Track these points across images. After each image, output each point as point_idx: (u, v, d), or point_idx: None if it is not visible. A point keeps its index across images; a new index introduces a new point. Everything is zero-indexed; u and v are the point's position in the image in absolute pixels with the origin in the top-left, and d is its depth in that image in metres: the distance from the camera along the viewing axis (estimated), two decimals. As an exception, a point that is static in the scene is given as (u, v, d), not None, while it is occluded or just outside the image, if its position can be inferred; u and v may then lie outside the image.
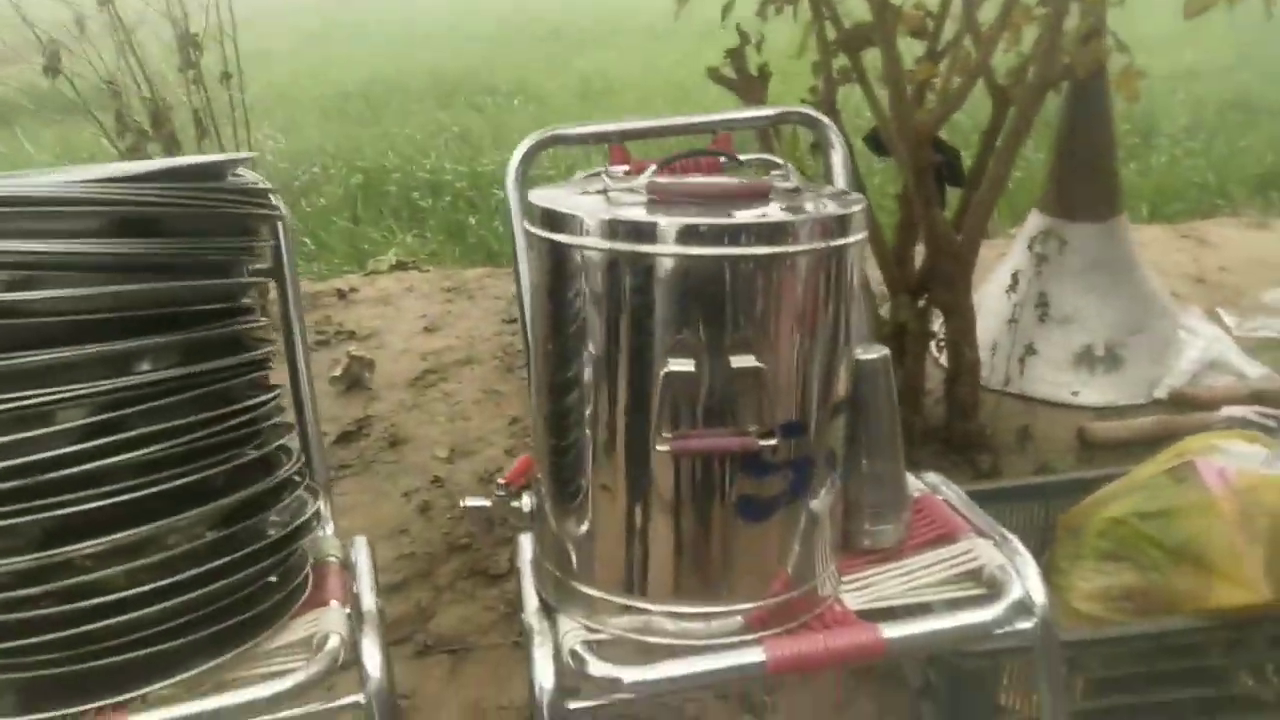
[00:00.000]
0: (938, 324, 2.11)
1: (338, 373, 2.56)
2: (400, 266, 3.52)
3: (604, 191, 0.98)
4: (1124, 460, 1.94)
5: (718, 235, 0.86)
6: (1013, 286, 2.11)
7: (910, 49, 2.06)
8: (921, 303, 2.09)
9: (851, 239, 0.93)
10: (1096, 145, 2.32)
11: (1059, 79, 1.80)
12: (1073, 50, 1.81)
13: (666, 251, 0.86)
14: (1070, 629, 1.34)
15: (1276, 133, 4.87)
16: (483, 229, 4.58)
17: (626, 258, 0.87)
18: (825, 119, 1.39)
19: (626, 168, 1.38)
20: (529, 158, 1.36)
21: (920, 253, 2.08)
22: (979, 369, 2.02)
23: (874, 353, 1.08)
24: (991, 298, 2.36)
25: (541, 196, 0.96)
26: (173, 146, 2.65)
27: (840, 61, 2.03)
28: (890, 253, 2.11)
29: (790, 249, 0.88)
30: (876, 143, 2.08)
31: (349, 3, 14.22)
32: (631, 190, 0.98)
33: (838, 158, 1.37)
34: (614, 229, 0.87)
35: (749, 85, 1.93)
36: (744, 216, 0.89)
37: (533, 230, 0.95)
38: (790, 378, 0.91)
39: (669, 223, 0.86)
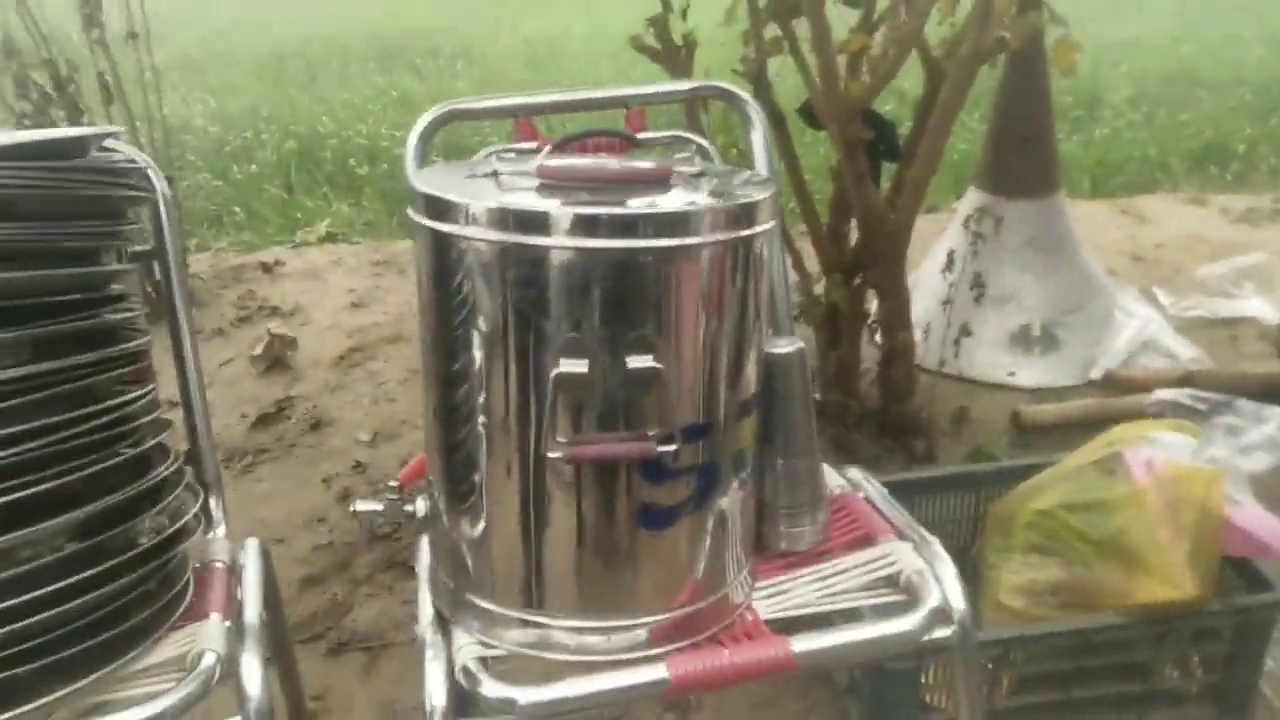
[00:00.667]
0: (874, 305, 2.06)
1: (258, 351, 2.46)
2: (329, 238, 3.40)
3: (494, 174, 0.91)
4: (1059, 443, 1.93)
5: (606, 226, 0.79)
6: (948, 266, 2.07)
7: (846, 18, 1.99)
8: (857, 282, 2.04)
9: (757, 229, 0.86)
10: (1034, 121, 2.28)
11: (992, 53, 1.75)
12: (1008, 22, 1.76)
13: (553, 243, 0.79)
14: (996, 626, 1.31)
15: (1216, 107, 4.90)
16: (421, 198, 4.46)
17: (510, 249, 0.80)
18: (742, 94, 1.32)
19: (534, 144, 1.32)
20: (428, 135, 1.28)
21: (855, 230, 2.03)
22: (913, 351, 1.98)
23: (788, 346, 1.02)
24: (929, 276, 2.32)
25: (427, 179, 0.89)
26: (76, 113, 2.50)
27: (773, 30, 1.96)
28: (824, 230, 2.06)
29: (689, 241, 0.82)
30: (810, 115, 2.02)
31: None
32: (524, 174, 0.91)
33: (757, 135, 1.31)
34: (492, 217, 0.80)
35: (673, 56, 1.85)
36: (638, 205, 0.83)
37: (414, 216, 0.87)
38: (693, 378, 0.85)
39: (556, 211, 0.79)
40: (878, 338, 2.07)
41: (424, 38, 8.24)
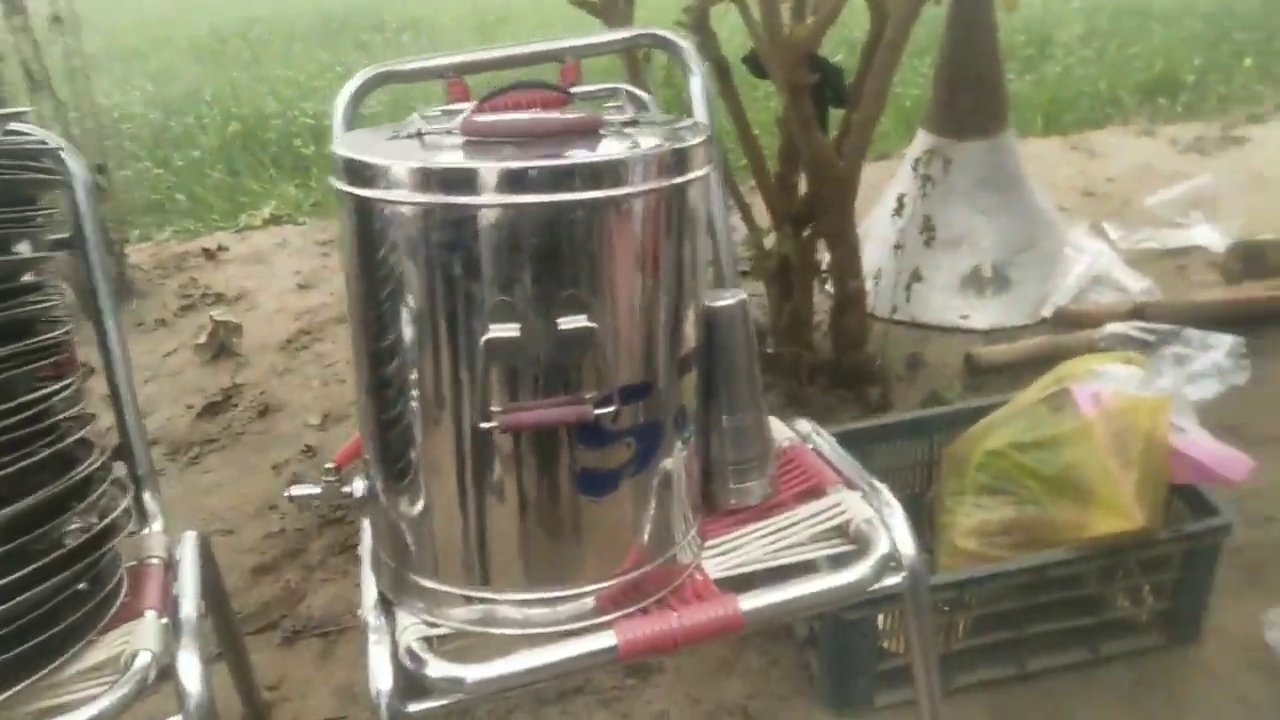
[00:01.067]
0: (826, 257, 2.05)
1: (202, 340, 2.40)
2: (275, 220, 3.32)
3: (419, 134, 0.88)
4: (1012, 382, 1.93)
5: (530, 180, 0.76)
6: (898, 210, 2.05)
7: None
8: (807, 232, 2.02)
9: (690, 176, 0.84)
10: (981, 58, 2.26)
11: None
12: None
13: (476, 202, 0.76)
14: (950, 569, 1.31)
15: (1168, 39, 4.90)
16: (370, 174, 4.40)
17: (433, 211, 0.77)
18: (680, 41, 1.29)
19: (467, 105, 1.28)
20: (357, 98, 1.24)
21: (804, 180, 2.00)
22: (865, 298, 1.97)
23: (730, 298, 0.99)
24: (879, 223, 2.31)
25: (348, 143, 0.85)
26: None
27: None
28: (773, 180, 2.03)
29: (618, 192, 0.79)
30: (756, 64, 1.98)
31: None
32: (449, 132, 0.88)
33: (696, 82, 1.27)
34: (414, 178, 0.77)
35: (611, 8, 1.80)
36: (565, 157, 0.79)
37: (335, 183, 0.83)
38: (628, 335, 0.83)
39: (483, 168, 0.76)
40: (829, 288, 2.06)
41: (369, 13, 8.08)
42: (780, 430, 1.14)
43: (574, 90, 1.29)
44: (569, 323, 0.79)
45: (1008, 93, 2.34)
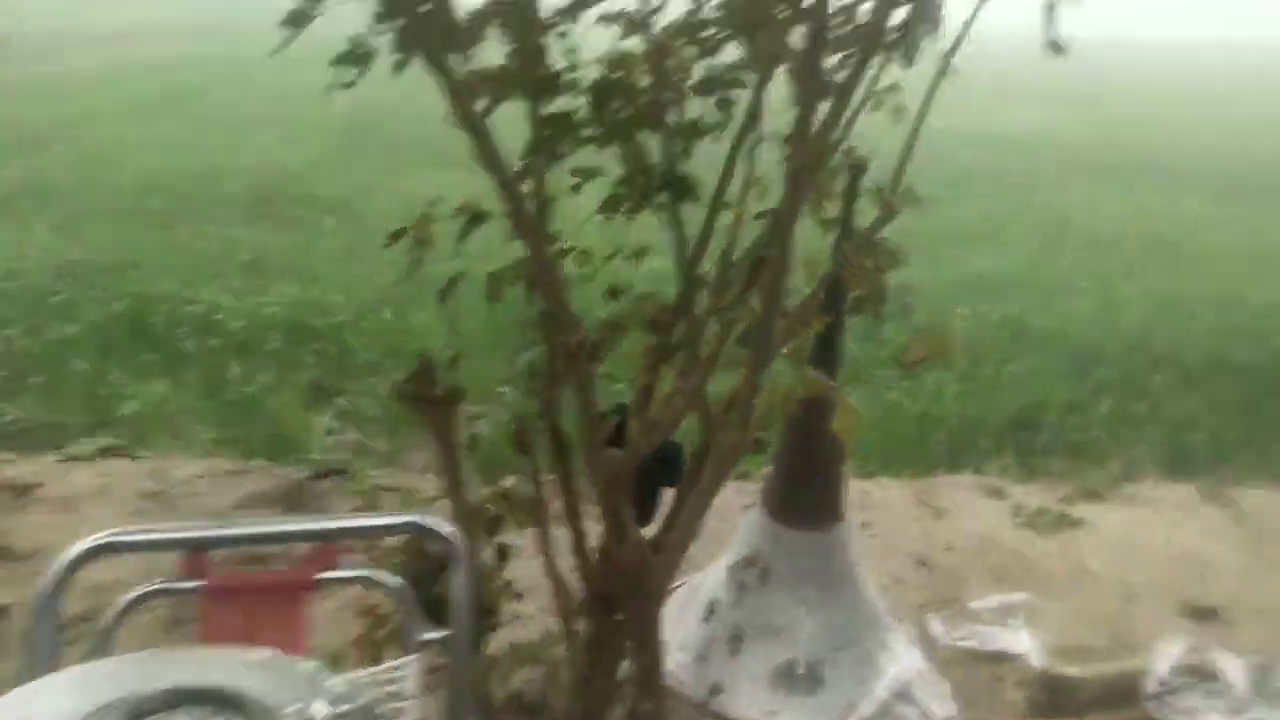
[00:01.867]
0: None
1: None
2: (108, 452, 3.18)
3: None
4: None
5: None
6: (707, 618, 2.02)
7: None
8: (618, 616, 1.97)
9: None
10: (821, 454, 2.29)
11: (752, 451, 1.76)
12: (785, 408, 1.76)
13: None
14: None
15: (1037, 364, 5.11)
16: (248, 384, 4.29)
17: None
18: (441, 531, 1.27)
19: (202, 582, 1.25)
20: (74, 567, 1.19)
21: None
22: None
23: None
24: (703, 592, 2.28)
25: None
26: None
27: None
28: (587, 550, 1.98)
29: None
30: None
31: (199, 65, 13.59)
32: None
33: (458, 581, 1.25)
34: None
35: (434, 408, 1.79)
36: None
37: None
38: None
39: None
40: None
41: (304, 183, 8.13)
42: None
43: (327, 575, 1.26)
44: None
45: (845, 490, 2.37)
